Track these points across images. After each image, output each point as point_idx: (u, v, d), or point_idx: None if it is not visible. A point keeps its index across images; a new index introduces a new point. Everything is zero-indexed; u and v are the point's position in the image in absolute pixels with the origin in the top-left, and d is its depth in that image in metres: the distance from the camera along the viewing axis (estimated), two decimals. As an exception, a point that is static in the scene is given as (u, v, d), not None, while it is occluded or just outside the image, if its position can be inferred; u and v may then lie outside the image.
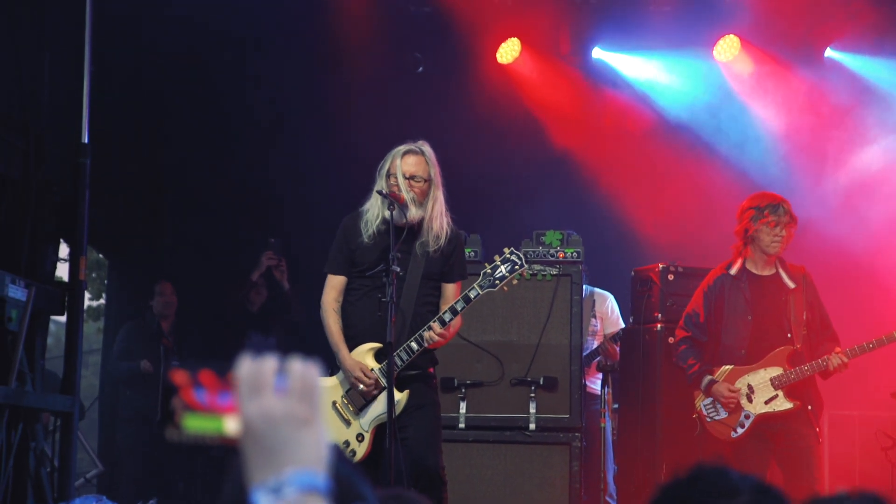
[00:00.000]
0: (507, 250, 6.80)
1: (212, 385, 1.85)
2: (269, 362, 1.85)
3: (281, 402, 1.82)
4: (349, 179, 7.90)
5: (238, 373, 1.84)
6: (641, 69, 11.01)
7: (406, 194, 6.61)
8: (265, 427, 1.81)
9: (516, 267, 6.74)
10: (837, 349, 7.68)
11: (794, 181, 9.96)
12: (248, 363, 1.84)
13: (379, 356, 6.67)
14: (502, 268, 6.73)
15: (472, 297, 6.66)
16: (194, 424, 1.85)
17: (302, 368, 1.86)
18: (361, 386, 6.62)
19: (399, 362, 6.51)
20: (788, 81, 10.59)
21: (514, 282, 6.80)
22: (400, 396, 6.58)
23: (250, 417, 1.82)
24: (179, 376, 1.84)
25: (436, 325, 6.57)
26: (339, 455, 1.91)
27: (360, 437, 6.64)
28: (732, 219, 8.05)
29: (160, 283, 11.39)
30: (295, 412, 1.82)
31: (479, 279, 6.71)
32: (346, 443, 6.61)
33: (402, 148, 6.77)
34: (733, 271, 7.91)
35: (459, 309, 6.63)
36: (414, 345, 6.57)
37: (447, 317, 6.60)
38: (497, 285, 6.71)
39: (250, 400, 1.82)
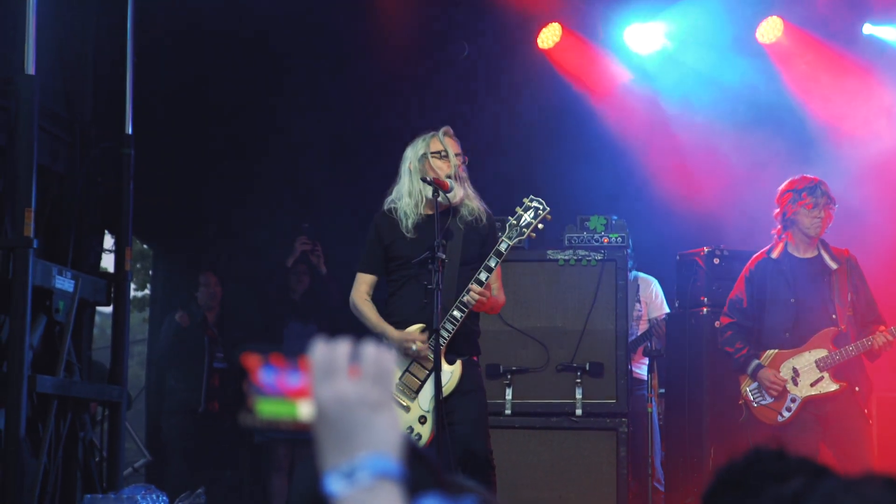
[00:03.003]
0: (526, 199, 6.74)
1: (283, 369, 1.85)
2: (343, 347, 1.85)
3: (355, 387, 1.82)
4: (389, 167, 7.90)
5: (312, 357, 1.84)
6: (678, 52, 10.93)
7: (452, 172, 6.63)
8: (339, 411, 1.81)
9: (540, 212, 6.69)
10: (882, 328, 7.64)
11: (837, 162, 9.87)
12: (322, 347, 1.85)
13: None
14: (525, 216, 6.68)
15: (503, 249, 6.59)
16: (268, 409, 1.84)
17: (376, 353, 1.86)
18: (414, 347, 6.58)
19: (445, 334, 6.48)
20: (830, 60, 10.49)
21: (541, 226, 6.72)
22: (451, 368, 6.56)
23: (324, 401, 1.82)
24: (251, 361, 1.84)
25: (474, 286, 6.53)
26: (413, 453, 1.89)
27: (422, 420, 6.62)
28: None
29: (205, 274, 11.42)
30: (368, 396, 1.82)
31: (506, 231, 6.63)
32: (410, 428, 6.59)
33: (434, 132, 6.77)
34: (775, 255, 7.90)
35: (493, 265, 6.57)
36: (456, 313, 6.54)
37: (483, 276, 6.55)
38: (525, 233, 6.65)
39: (324, 384, 1.82)
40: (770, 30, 10.52)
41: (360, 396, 1.82)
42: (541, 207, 6.70)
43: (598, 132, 10.93)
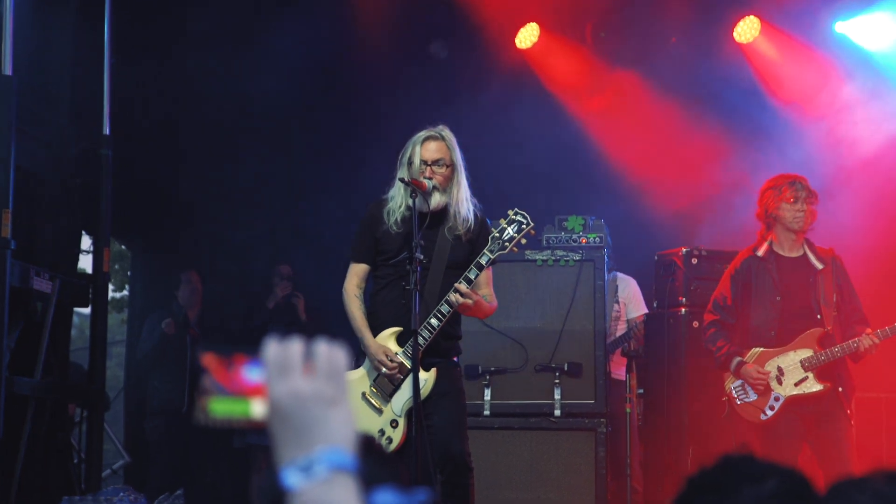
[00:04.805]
0: (511, 211, 6.73)
1: (238, 368, 1.87)
2: (296, 344, 1.87)
3: (309, 383, 1.85)
4: (369, 168, 7.90)
5: (266, 355, 1.86)
6: (658, 52, 10.96)
7: (427, 181, 6.58)
8: (294, 407, 1.83)
9: (523, 226, 6.68)
10: (868, 330, 7.66)
11: (814, 163, 9.89)
12: (276, 345, 1.87)
13: (401, 340, 6.65)
14: (509, 229, 6.67)
15: (484, 262, 6.59)
16: (221, 408, 1.86)
17: (328, 350, 1.88)
18: (384, 369, 6.59)
19: (422, 341, 6.48)
20: (805, 59, 10.53)
21: (524, 241, 6.72)
22: (426, 376, 6.55)
23: (279, 398, 1.84)
24: (207, 359, 1.86)
25: (461, 286, 6.52)
26: (366, 449, 1.91)
27: (394, 424, 6.61)
28: (755, 201, 8.03)
29: (187, 273, 11.39)
30: (323, 392, 1.85)
31: (489, 244, 6.64)
32: (382, 431, 6.57)
33: (423, 134, 6.73)
34: (760, 253, 7.91)
35: (473, 277, 6.55)
36: (434, 321, 6.54)
37: (463, 286, 6.53)
38: (507, 247, 6.64)
39: (279, 381, 1.85)
40: (747, 29, 10.55)
41: (314, 392, 1.84)
42: (524, 222, 6.69)
43: (576, 133, 10.95)
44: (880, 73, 10.31)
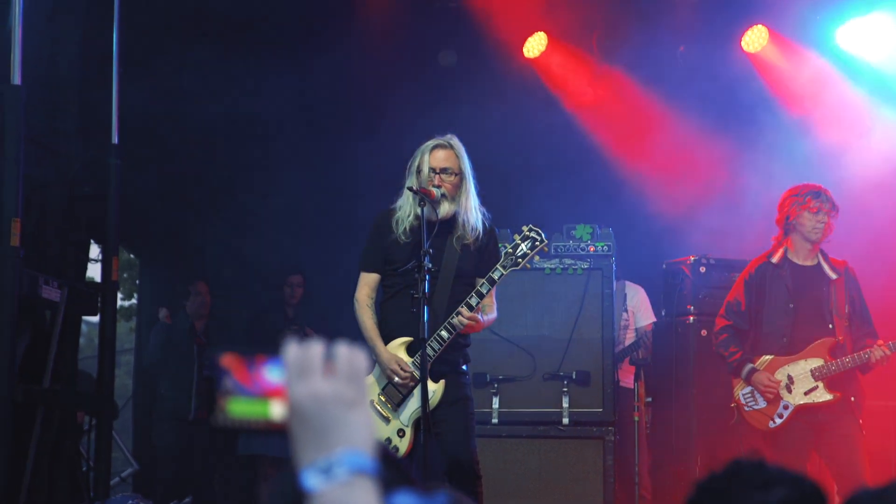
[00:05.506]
0: (525, 228, 6.75)
1: (258, 369, 1.88)
2: (316, 346, 1.87)
3: (330, 384, 1.85)
4: (376, 176, 7.91)
5: (286, 356, 1.87)
6: (666, 60, 10.96)
7: (436, 189, 6.59)
8: (314, 408, 1.83)
9: (537, 243, 6.71)
10: (879, 342, 7.65)
11: (821, 171, 9.88)
12: (296, 347, 1.87)
13: (411, 350, 6.66)
14: (523, 245, 6.69)
15: (497, 277, 6.61)
16: (239, 409, 1.86)
17: (348, 352, 1.88)
18: (396, 378, 6.60)
19: (431, 353, 6.49)
20: (812, 67, 10.52)
21: (537, 258, 6.76)
22: (435, 387, 6.56)
23: (299, 399, 1.84)
24: (227, 360, 1.86)
25: (464, 310, 6.53)
26: (379, 455, 1.92)
27: (401, 433, 6.62)
28: (762, 210, 8.03)
29: (196, 283, 11.39)
30: (343, 394, 1.85)
31: (502, 259, 6.66)
32: (388, 440, 6.58)
33: (431, 143, 6.74)
34: (775, 259, 7.90)
35: (485, 291, 6.57)
36: (444, 333, 6.53)
37: (473, 301, 6.54)
38: (520, 263, 6.66)
39: (299, 382, 1.85)
40: (755, 38, 10.55)
41: (335, 394, 1.84)
42: (538, 239, 6.71)
43: (584, 141, 10.95)
44: (886, 80, 10.31)
